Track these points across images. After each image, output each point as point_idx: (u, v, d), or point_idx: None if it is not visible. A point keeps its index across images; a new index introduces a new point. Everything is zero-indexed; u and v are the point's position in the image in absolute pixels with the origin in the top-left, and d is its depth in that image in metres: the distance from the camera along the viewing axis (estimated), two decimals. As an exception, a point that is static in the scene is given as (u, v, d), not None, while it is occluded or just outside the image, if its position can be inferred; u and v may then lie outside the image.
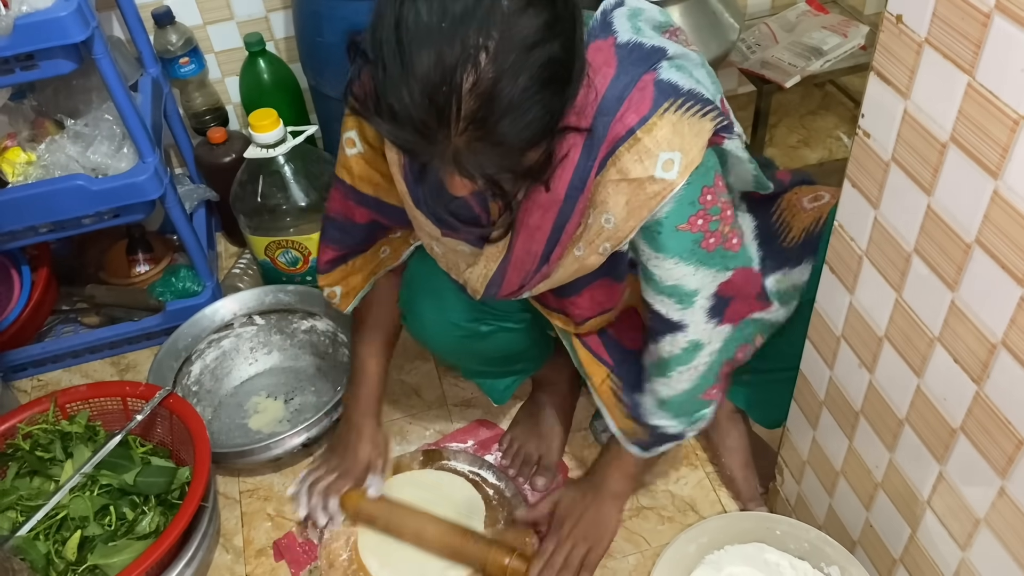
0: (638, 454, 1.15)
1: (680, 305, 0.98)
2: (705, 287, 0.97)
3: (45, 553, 1.16)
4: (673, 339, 1.01)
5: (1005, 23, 0.60)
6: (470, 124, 0.72)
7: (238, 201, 1.60)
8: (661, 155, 0.86)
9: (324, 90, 1.63)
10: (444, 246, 1.05)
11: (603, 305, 1.09)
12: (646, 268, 0.96)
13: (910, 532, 0.94)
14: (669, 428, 1.10)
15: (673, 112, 0.86)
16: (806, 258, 1.08)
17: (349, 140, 1.06)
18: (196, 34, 1.74)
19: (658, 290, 0.97)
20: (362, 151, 1.05)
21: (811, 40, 1.78)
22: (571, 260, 0.97)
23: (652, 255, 0.94)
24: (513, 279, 1.02)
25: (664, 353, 1.03)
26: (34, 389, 1.65)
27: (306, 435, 1.38)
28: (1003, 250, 0.67)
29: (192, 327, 1.55)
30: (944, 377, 0.80)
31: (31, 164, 1.43)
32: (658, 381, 1.06)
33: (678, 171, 0.87)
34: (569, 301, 1.10)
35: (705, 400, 1.09)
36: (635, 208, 0.89)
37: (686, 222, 0.91)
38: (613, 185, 0.88)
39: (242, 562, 1.32)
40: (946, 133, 0.70)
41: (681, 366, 1.03)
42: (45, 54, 1.23)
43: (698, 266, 0.95)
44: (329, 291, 1.24)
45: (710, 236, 0.93)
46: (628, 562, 1.27)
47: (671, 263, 0.94)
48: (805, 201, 1.12)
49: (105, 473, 1.23)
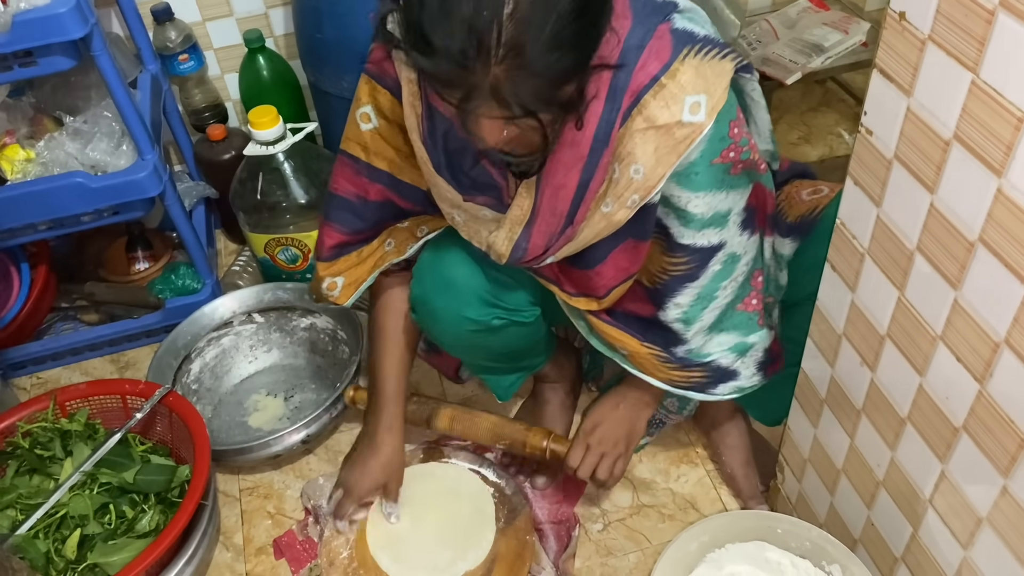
0: (698, 398, 1.15)
1: (718, 228, 1.00)
2: (736, 204, 1.00)
3: (45, 552, 1.16)
4: (715, 259, 1.03)
5: (1010, 20, 0.60)
6: (509, 52, 0.73)
7: (237, 198, 1.59)
8: (687, 99, 0.88)
9: (324, 87, 1.62)
10: (466, 213, 1.04)
11: (628, 270, 1.07)
12: (684, 212, 0.98)
13: (912, 531, 0.94)
14: (722, 359, 1.10)
15: (693, 56, 0.88)
16: (793, 236, 1.11)
17: (364, 115, 1.04)
18: (195, 31, 1.74)
19: (700, 226, 0.99)
20: (377, 126, 1.04)
21: (812, 37, 1.78)
22: (598, 218, 0.97)
23: (690, 196, 0.96)
24: (538, 241, 1.01)
25: (708, 278, 1.04)
26: (33, 387, 1.65)
27: (306, 432, 1.37)
28: (1007, 248, 0.67)
29: (192, 325, 1.54)
30: (946, 376, 0.79)
31: (30, 161, 1.42)
32: (704, 314, 1.07)
33: (705, 113, 0.88)
34: (594, 272, 1.07)
35: (745, 312, 1.10)
36: (664, 155, 0.90)
37: (719, 156, 0.94)
38: (640, 134, 0.89)
39: (242, 560, 1.32)
40: (949, 131, 0.69)
41: (724, 280, 1.05)
42: (44, 51, 1.23)
43: (729, 190, 0.98)
44: (329, 281, 1.20)
45: (739, 164, 0.96)
46: (629, 560, 1.27)
47: (708, 197, 0.96)
48: (804, 194, 1.13)
49: (105, 471, 1.23)
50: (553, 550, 1.28)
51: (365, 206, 1.13)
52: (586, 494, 1.35)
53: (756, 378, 1.13)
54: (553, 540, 1.29)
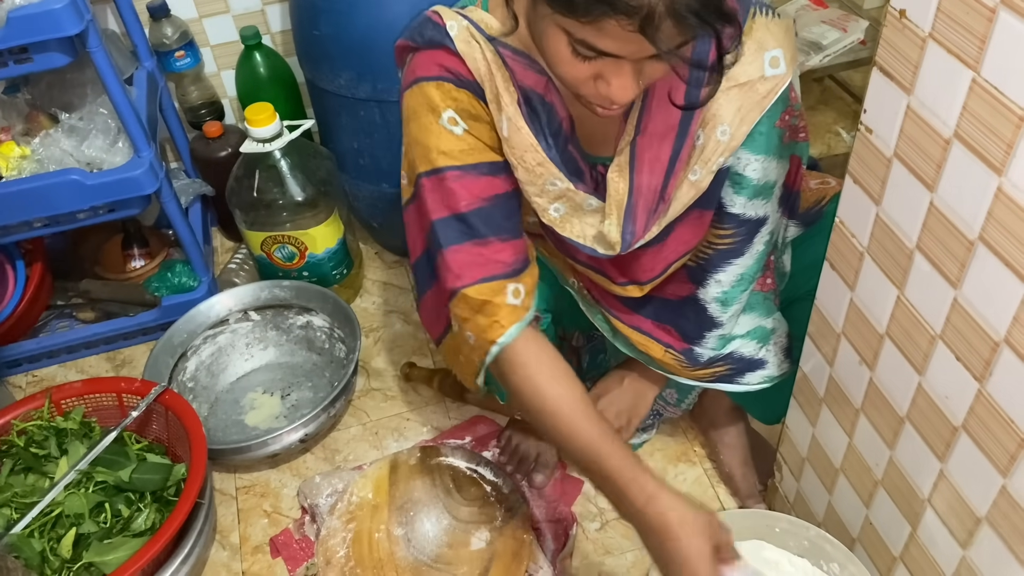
0: (730, 390, 1.15)
1: (764, 200, 1.01)
2: (780, 176, 1.02)
3: (40, 551, 1.16)
4: (759, 236, 1.04)
5: (1011, 18, 0.59)
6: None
7: (234, 196, 1.59)
8: (767, 54, 0.91)
9: (320, 84, 1.62)
10: (569, 204, 0.98)
11: (689, 243, 1.05)
12: (742, 176, 0.98)
13: (910, 530, 0.93)
14: (744, 349, 1.11)
15: (763, 15, 0.91)
16: (797, 222, 1.12)
17: (450, 119, 0.95)
18: (192, 27, 1.73)
19: (752, 194, 1.00)
20: (467, 127, 0.95)
21: (810, 35, 1.77)
22: (687, 187, 0.97)
23: (750, 159, 0.97)
24: (641, 220, 0.98)
25: (752, 258, 1.05)
26: (29, 385, 1.64)
27: (303, 431, 1.37)
28: (1007, 247, 0.67)
29: (188, 323, 1.54)
30: (946, 375, 0.79)
31: (25, 158, 1.42)
32: (741, 295, 1.07)
33: (785, 65, 0.91)
34: (654, 251, 1.05)
35: (761, 292, 1.10)
36: (747, 112, 0.92)
37: (779, 119, 0.96)
38: (723, 94, 0.91)
39: (238, 559, 1.32)
40: (950, 129, 0.69)
41: (764, 260, 1.07)
42: (39, 47, 1.23)
43: (779, 159, 0.99)
44: (514, 288, 0.97)
45: (789, 130, 0.98)
46: (626, 559, 1.27)
47: (765, 162, 0.98)
48: (811, 184, 1.15)
49: (100, 470, 1.22)
50: (551, 549, 1.28)
51: (502, 201, 0.98)
52: (584, 493, 1.35)
53: (785, 365, 1.14)
54: (551, 539, 1.29)
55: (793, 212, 1.12)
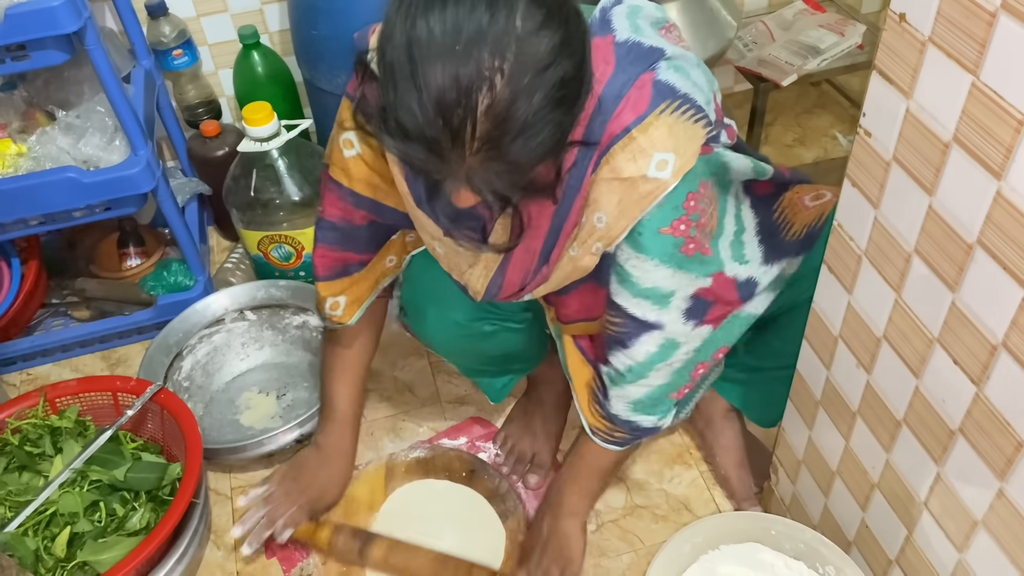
0: (616, 450, 1.14)
1: (657, 306, 0.97)
2: (682, 288, 0.96)
3: (34, 549, 1.15)
4: (650, 337, 1.00)
5: (1011, 22, 0.60)
6: (484, 144, 0.71)
7: (231, 195, 1.59)
8: (655, 155, 0.85)
9: (319, 84, 1.62)
10: (446, 246, 1.04)
11: (590, 311, 1.07)
12: (623, 269, 0.95)
13: (906, 533, 0.94)
14: (644, 423, 1.09)
15: (670, 114, 0.85)
16: (803, 251, 1.08)
17: (347, 141, 1.03)
18: (190, 26, 1.73)
19: (636, 292, 0.96)
20: (361, 152, 1.03)
21: (808, 38, 1.78)
22: (566, 261, 0.96)
23: (632, 255, 0.93)
24: (514, 279, 1.01)
25: (640, 356, 1.01)
26: (23, 383, 1.63)
27: (299, 431, 1.37)
28: (1005, 251, 0.67)
29: (183, 322, 1.53)
30: (943, 378, 0.79)
31: (21, 156, 1.41)
32: (631, 387, 1.05)
33: (672, 172, 0.86)
34: (559, 300, 1.09)
35: (674, 400, 1.08)
36: (627, 207, 0.88)
37: (668, 226, 0.90)
38: (606, 183, 0.88)
39: (233, 559, 1.31)
40: (949, 133, 0.69)
41: (659, 363, 1.02)
42: (37, 44, 1.22)
43: (676, 270, 0.94)
44: (332, 301, 1.18)
45: (690, 242, 0.93)
46: (622, 561, 1.27)
47: (651, 265, 0.93)
48: (807, 199, 1.11)
49: (95, 469, 1.22)
50: (546, 550, 1.27)
51: (355, 230, 1.11)
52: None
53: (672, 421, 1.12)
54: (546, 540, 1.29)
55: (789, 252, 1.08)
